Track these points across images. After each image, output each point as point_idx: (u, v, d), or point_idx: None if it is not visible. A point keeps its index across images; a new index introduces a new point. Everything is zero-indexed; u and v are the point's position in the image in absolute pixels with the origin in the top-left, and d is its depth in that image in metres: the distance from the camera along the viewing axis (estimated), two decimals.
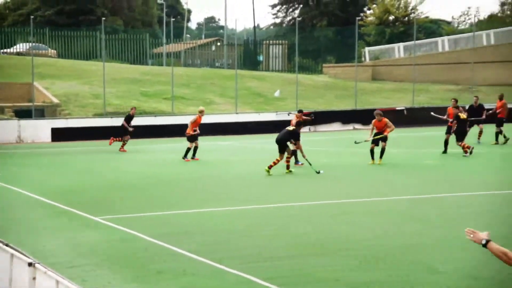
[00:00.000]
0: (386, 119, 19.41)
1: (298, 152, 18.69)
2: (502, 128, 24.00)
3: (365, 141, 19.61)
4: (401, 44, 48.46)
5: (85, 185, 16.09)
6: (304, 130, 33.81)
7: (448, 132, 21.29)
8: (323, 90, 42.39)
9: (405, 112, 32.59)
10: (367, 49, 50.22)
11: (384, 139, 19.14)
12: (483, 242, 5.09)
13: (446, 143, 21.07)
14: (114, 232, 10.74)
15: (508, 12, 56.92)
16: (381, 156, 19.02)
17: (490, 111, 24.64)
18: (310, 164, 17.44)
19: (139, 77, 40.52)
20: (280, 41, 52.35)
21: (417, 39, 45.48)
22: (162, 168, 19.58)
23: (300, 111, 20.34)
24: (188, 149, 20.75)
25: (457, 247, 9.03)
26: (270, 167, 17.30)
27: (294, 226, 10.92)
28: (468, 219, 11.15)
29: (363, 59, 49.55)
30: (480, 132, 24.20)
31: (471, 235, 5.12)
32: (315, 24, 64.01)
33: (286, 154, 17.67)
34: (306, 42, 52.42)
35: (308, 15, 65.25)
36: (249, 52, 52.08)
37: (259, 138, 30.42)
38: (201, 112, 21.07)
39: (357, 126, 34.88)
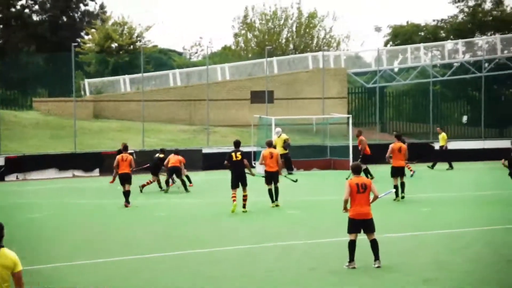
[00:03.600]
0: None
1: None
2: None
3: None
4: (127, 77, 49.31)
5: None
6: (10, 178, 32.56)
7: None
8: (34, 130, 41.25)
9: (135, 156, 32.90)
10: (86, 81, 50.12)
11: None
12: None
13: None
14: None
15: (242, 45, 61.49)
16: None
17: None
18: None
19: None
20: None
21: (146, 71, 46.77)
22: None
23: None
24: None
25: None
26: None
27: None
28: None
29: (82, 92, 49.28)
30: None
31: None
32: (20, 48, 62.24)
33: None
34: (10, 70, 50.62)
35: (11, 37, 63.24)
36: None
37: None
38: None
39: (78, 172, 34.50)
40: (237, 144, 19.99)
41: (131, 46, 55.88)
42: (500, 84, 53.53)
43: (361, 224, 12.32)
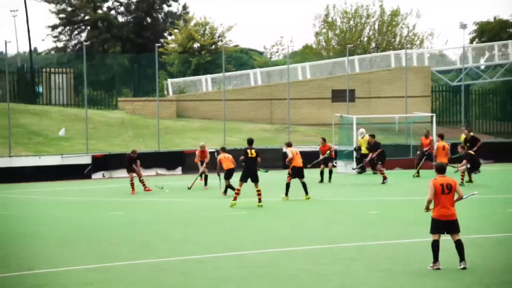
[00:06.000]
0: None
1: None
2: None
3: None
4: (209, 76, 49.97)
5: None
6: (97, 176, 33.49)
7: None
8: (119, 129, 42.22)
9: None
10: (169, 81, 51.04)
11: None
12: None
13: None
14: None
15: (323, 43, 61.26)
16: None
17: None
18: None
19: None
20: (64, 69, 51.41)
21: (227, 70, 47.23)
22: None
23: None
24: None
25: None
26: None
27: None
28: None
29: (165, 92, 50.21)
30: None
31: None
32: (106, 49, 63.90)
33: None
34: (96, 71, 51.99)
35: (97, 39, 65.01)
36: (24, 81, 50.47)
37: (39, 187, 29.44)
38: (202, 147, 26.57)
39: (161, 171, 35.12)
40: (250, 142, 21.37)
41: (213, 46, 56.57)
42: None
43: (445, 225, 12.12)
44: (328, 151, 28.46)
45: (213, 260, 13.36)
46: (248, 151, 20.85)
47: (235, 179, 22.20)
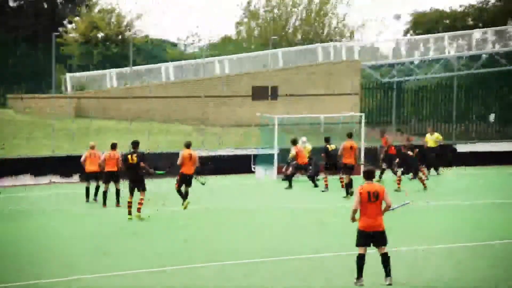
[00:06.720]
0: None
1: None
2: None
3: None
4: (114, 71, 49.40)
5: None
6: None
7: None
8: (9, 130, 41.35)
9: None
10: (68, 75, 50.20)
11: None
12: None
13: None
14: None
15: (244, 35, 61.45)
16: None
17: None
18: None
19: None
20: None
21: (135, 64, 46.78)
22: None
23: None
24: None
25: None
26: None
27: None
28: None
29: (63, 88, 49.42)
30: None
31: None
32: None
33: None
34: None
35: None
36: None
37: None
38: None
39: (55, 179, 34.46)
40: (135, 144, 20.31)
41: (120, 36, 56.03)
42: None
43: (371, 237, 12.24)
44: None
45: (156, 274, 13.42)
46: (129, 156, 19.97)
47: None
